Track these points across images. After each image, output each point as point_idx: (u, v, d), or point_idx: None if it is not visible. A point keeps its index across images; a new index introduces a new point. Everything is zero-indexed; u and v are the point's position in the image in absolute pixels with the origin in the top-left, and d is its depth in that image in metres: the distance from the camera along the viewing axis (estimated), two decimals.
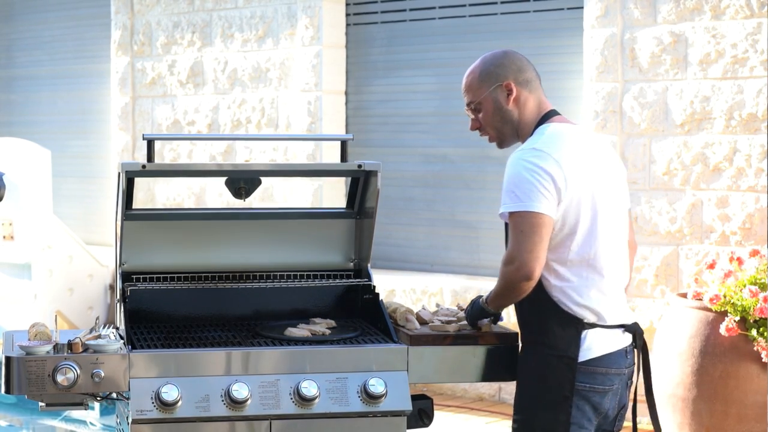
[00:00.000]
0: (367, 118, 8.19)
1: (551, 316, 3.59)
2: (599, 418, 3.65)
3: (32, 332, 3.69)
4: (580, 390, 3.58)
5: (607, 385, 3.62)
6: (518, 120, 3.69)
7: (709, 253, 6.42)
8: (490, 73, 3.70)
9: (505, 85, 3.67)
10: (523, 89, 3.69)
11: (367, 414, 3.68)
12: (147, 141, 3.90)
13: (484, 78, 3.70)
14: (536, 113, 3.70)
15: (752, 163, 6.32)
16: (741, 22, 6.32)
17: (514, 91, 3.67)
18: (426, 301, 7.42)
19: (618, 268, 3.67)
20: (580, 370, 3.57)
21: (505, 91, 3.68)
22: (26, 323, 7.82)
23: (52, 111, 10.10)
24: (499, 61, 3.72)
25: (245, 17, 8.50)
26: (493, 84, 3.68)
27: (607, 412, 3.66)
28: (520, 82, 3.68)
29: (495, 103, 3.69)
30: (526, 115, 3.69)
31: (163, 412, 3.57)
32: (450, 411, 7.01)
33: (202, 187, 8.72)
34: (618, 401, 3.69)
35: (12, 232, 8.70)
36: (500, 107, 3.69)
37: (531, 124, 3.68)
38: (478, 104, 3.71)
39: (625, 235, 3.73)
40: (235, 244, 4.26)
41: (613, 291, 3.65)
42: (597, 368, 3.60)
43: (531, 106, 3.70)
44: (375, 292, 4.16)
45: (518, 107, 3.69)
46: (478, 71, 3.72)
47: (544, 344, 3.60)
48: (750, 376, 5.57)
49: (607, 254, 3.61)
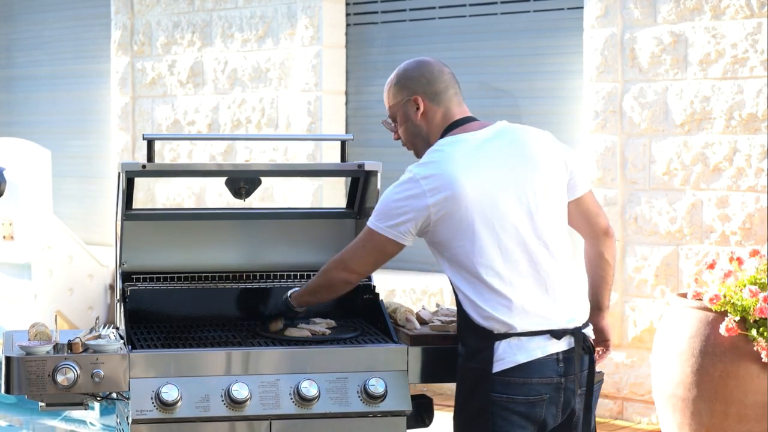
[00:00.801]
0: (367, 118, 8.19)
1: (466, 329, 3.55)
2: (536, 427, 3.53)
3: (32, 332, 3.69)
4: (498, 401, 3.48)
5: (532, 395, 3.48)
6: (427, 134, 3.64)
7: (709, 253, 6.42)
8: (402, 86, 3.66)
9: (413, 100, 3.63)
10: (431, 103, 3.62)
11: (367, 414, 3.68)
12: (147, 141, 3.90)
13: (397, 91, 3.67)
14: (441, 127, 3.63)
15: (752, 163, 6.32)
16: (741, 22, 6.32)
17: (421, 107, 3.62)
18: (426, 301, 7.42)
19: (549, 269, 3.51)
20: (496, 381, 3.47)
21: (413, 105, 3.63)
22: (26, 323, 7.81)
23: (52, 111, 10.10)
24: (410, 74, 3.67)
25: (245, 17, 8.50)
26: (404, 98, 3.65)
27: (544, 420, 3.52)
28: (428, 94, 3.63)
29: (406, 116, 3.66)
30: (434, 129, 3.64)
31: (163, 412, 3.56)
32: (450, 411, 6.99)
33: (202, 187, 8.72)
34: (560, 410, 3.53)
35: (12, 232, 8.70)
36: (410, 121, 3.65)
37: (436, 138, 3.62)
38: (394, 117, 3.69)
39: (564, 228, 3.59)
40: (235, 244, 4.26)
41: (536, 296, 3.50)
42: (514, 378, 3.48)
43: (437, 120, 3.63)
44: (375, 292, 4.16)
45: (426, 121, 3.64)
46: (393, 83, 3.69)
47: (463, 357, 3.57)
48: (750, 376, 5.57)
49: (522, 260, 3.48)
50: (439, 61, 3.73)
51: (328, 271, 3.72)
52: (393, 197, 3.54)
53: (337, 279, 3.72)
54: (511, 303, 3.47)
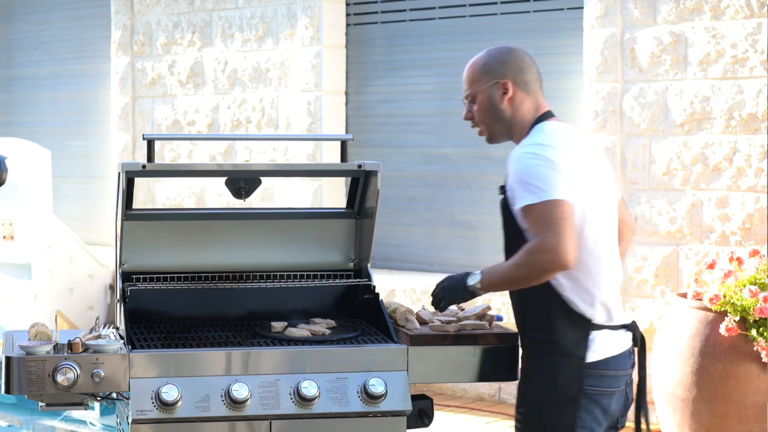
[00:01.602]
0: (367, 118, 8.19)
1: (561, 316, 3.55)
2: (608, 420, 3.62)
3: (32, 332, 3.69)
4: (588, 393, 3.54)
5: (615, 387, 3.60)
6: (510, 120, 3.66)
7: (709, 253, 6.42)
8: (491, 68, 3.67)
9: (502, 84, 3.64)
10: (520, 90, 3.66)
11: (367, 414, 3.68)
12: (147, 141, 3.90)
13: (484, 72, 3.67)
14: (532, 115, 3.66)
15: (752, 163, 6.32)
16: (741, 22, 6.32)
17: (510, 91, 3.64)
18: (426, 301, 7.42)
19: (617, 266, 3.66)
20: (587, 373, 3.54)
21: (501, 89, 3.65)
22: (26, 323, 7.82)
23: (52, 111, 10.10)
24: (502, 58, 3.68)
25: (245, 17, 8.50)
26: (491, 80, 3.66)
27: (615, 413, 3.64)
28: (518, 82, 3.66)
29: (489, 99, 3.66)
30: (520, 116, 3.66)
31: (163, 412, 3.57)
32: (450, 411, 7.01)
33: (202, 187, 8.72)
34: (624, 401, 3.67)
35: (12, 232, 8.71)
36: (493, 104, 3.66)
37: (526, 124, 3.65)
38: (474, 97, 3.69)
39: (616, 232, 3.71)
40: (235, 244, 4.26)
41: (616, 290, 3.65)
42: (605, 371, 3.57)
43: (526, 108, 3.67)
44: (375, 292, 4.16)
45: (512, 107, 3.66)
46: (480, 64, 3.69)
47: (551, 343, 3.55)
48: (750, 376, 5.57)
49: (607, 252, 3.59)
50: (528, 54, 3.75)
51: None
52: (541, 168, 3.48)
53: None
54: (611, 293, 3.59)
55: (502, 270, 3.53)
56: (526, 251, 3.44)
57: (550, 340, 3.56)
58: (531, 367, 3.63)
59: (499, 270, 3.54)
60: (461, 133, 7.73)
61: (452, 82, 7.77)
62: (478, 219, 7.59)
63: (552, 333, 3.55)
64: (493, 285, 3.57)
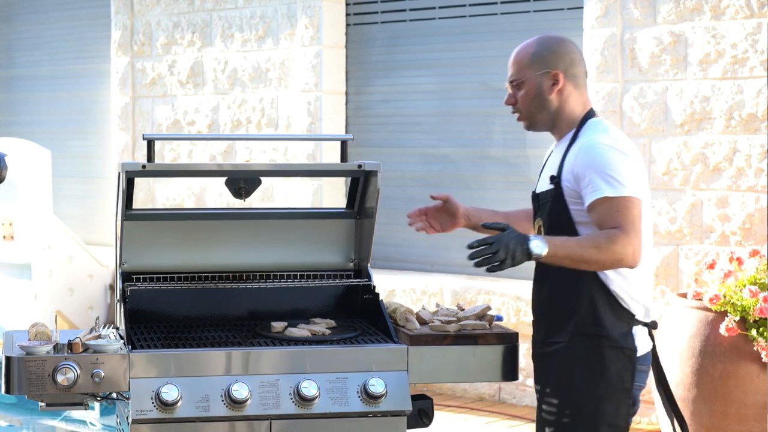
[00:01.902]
0: (367, 118, 8.19)
1: (608, 310, 3.56)
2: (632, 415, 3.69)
3: (32, 332, 3.69)
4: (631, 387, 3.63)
5: (644, 382, 3.66)
6: (556, 111, 3.67)
7: (709, 253, 6.42)
8: (542, 57, 3.66)
9: (553, 74, 3.65)
10: (570, 83, 3.66)
11: (367, 414, 3.68)
12: (147, 141, 3.90)
13: (535, 60, 3.67)
14: (581, 109, 3.68)
15: (752, 163, 6.32)
16: (741, 22, 6.32)
17: (560, 83, 3.65)
18: (426, 301, 7.42)
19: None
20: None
21: (551, 79, 3.65)
22: (26, 323, 7.82)
23: (52, 111, 10.10)
24: (555, 48, 3.68)
25: (245, 17, 8.50)
26: (541, 69, 3.65)
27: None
28: (568, 75, 3.66)
29: (537, 88, 3.66)
30: (568, 109, 3.67)
31: (163, 412, 3.57)
32: (450, 411, 7.01)
33: (202, 187, 8.72)
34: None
35: (12, 232, 8.70)
36: (541, 94, 3.66)
37: (575, 118, 3.67)
38: (521, 83, 3.68)
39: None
40: (235, 244, 4.26)
41: (650, 288, 3.70)
42: (643, 366, 3.63)
43: (574, 101, 3.67)
44: (375, 292, 4.16)
45: (560, 99, 3.66)
46: (531, 51, 3.68)
47: (601, 337, 3.56)
48: (750, 376, 5.57)
49: (648, 252, 3.62)
50: (577, 46, 3.77)
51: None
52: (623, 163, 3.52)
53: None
54: (646, 289, 3.63)
55: (573, 246, 3.47)
56: (608, 238, 3.43)
57: (600, 334, 3.56)
58: (578, 359, 3.59)
59: (569, 245, 3.47)
60: (461, 133, 7.73)
61: (452, 82, 7.78)
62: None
63: (601, 326, 3.56)
64: (556, 258, 3.48)
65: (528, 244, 3.42)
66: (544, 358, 3.68)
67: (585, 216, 3.54)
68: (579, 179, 3.53)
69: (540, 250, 3.42)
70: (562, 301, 3.62)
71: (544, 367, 3.69)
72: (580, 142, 3.59)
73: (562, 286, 3.60)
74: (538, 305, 3.72)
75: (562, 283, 3.60)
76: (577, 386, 3.58)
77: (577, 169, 3.54)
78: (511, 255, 3.42)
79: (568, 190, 3.57)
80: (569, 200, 3.57)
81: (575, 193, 3.56)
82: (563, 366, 3.61)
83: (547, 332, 3.68)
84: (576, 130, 3.65)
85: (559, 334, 3.62)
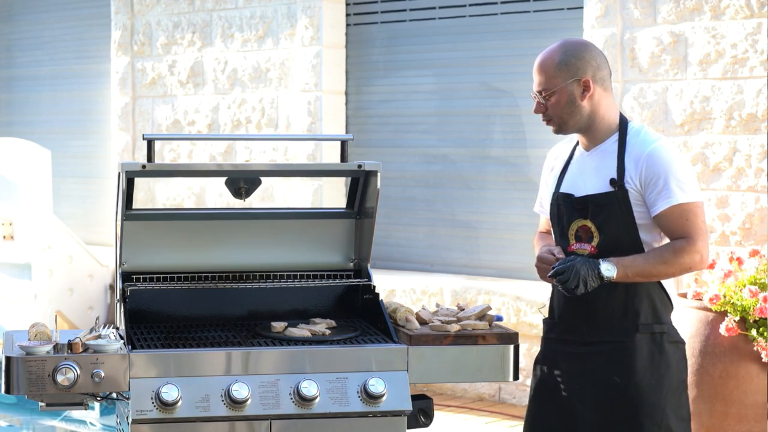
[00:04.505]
0: (367, 118, 8.19)
1: (662, 305, 3.72)
2: None
3: (32, 332, 3.69)
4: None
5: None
6: (589, 116, 3.71)
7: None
8: (570, 65, 3.69)
9: (583, 81, 3.68)
10: (599, 87, 3.70)
11: (367, 414, 3.68)
12: (147, 141, 3.90)
13: (563, 68, 3.69)
14: (615, 112, 3.75)
15: (752, 163, 6.32)
16: (741, 22, 6.32)
17: (591, 89, 3.69)
18: (426, 301, 7.42)
19: None
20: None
21: (581, 86, 3.69)
22: (26, 323, 7.82)
23: (52, 111, 10.10)
24: (581, 54, 3.70)
25: (245, 17, 8.50)
26: (571, 77, 3.69)
27: None
28: (597, 79, 3.70)
29: (569, 96, 3.69)
30: (601, 113, 3.72)
31: (163, 412, 3.57)
32: (450, 411, 7.01)
33: (202, 187, 8.72)
34: None
35: (12, 232, 8.71)
36: (573, 101, 3.69)
37: (610, 122, 3.73)
38: (551, 93, 3.70)
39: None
40: (235, 244, 4.26)
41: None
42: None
43: (605, 105, 3.73)
44: (375, 292, 4.16)
45: (591, 104, 3.70)
46: (557, 59, 3.70)
47: (661, 332, 3.71)
48: (750, 376, 5.57)
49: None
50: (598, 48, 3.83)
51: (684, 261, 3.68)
52: (689, 169, 3.70)
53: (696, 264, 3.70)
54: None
55: (641, 265, 3.63)
56: (675, 252, 3.61)
57: (662, 330, 3.71)
58: (643, 358, 3.69)
59: (638, 265, 3.63)
60: (461, 133, 7.73)
61: (452, 82, 7.78)
62: (478, 219, 7.58)
63: (662, 323, 3.72)
64: (626, 278, 3.64)
65: (599, 268, 3.59)
66: (591, 356, 3.75)
67: (647, 218, 3.67)
68: (647, 184, 3.64)
69: (610, 273, 3.60)
70: (619, 300, 3.71)
71: (590, 366, 3.75)
72: (640, 148, 3.67)
73: (631, 290, 3.70)
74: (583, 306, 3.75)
75: (620, 285, 3.68)
76: (644, 383, 3.68)
77: (647, 174, 3.64)
78: (584, 281, 3.59)
79: (633, 193, 3.66)
80: (633, 202, 3.67)
81: (639, 196, 3.66)
82: (623, 364, 3.69)
83: (594, 332, 3.74)
84: (620, 134, 3.72)
85: (613, 333, 3.71)
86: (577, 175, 3.79)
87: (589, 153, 3.77)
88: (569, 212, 3.77)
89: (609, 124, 3.73)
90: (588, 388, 3.73)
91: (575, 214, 3.75)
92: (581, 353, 3.74)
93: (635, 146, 3.68)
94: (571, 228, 3.75)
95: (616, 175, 3.67)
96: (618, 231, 3.67)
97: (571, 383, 3.77)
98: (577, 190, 3.76)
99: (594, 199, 3.71)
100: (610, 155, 3.71)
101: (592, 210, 3.71)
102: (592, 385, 3.72)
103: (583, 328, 3.75)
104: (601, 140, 3.74)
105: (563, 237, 3.79)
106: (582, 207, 3.74)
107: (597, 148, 3.75)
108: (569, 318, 3.79)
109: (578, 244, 3.75)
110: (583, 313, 3.75)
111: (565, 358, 3.78)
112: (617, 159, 3.68)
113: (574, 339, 3.77)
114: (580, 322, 3.76)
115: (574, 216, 3.75)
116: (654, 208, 3.64)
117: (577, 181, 3.78)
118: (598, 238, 3.70)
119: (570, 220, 3.77)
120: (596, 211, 3.70)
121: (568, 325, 3.79)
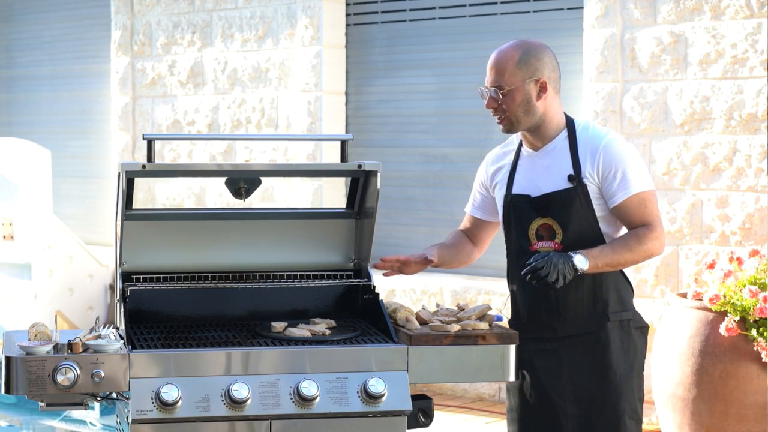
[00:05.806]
0: (367, 118, 8.19)
1: (626, 292, 3.82)
2: None
3: (32, 332, 3.69)
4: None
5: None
6: (542, 116, 3.76)
7: (709, 253, 6.42)
8: (530, 64, 3.73)
9: (540, 82, 3.73)
10: (552, 89, 3.76)
11: (367, 414, 3.68)
12: (147, 141, 3.90)
13: (522, 67, 3.73)
14: (561, 113, 3.82)
15: (752, 163, 6.32)
16: (741, 22, 6.32)
17: (547, 91, 3.74)
18: (426, 301, 7.43)
19: None
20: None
21: (538, 87, 3.73)
22: (26, 323, 7.82)
23: (52, 111, 10.10)
24: (540, 56, 3.75)
25: (245, 17, 8.50)
26: (529, 76, 3.73)
27: None
28: (552, 81, 3.76)
29: (525, 95, 3.74)
30: (552, 113, 3.78)
31: (163, 412, 3.57)
32: (450, 411, 7.01)
33: (202, 187, 8.72)
34: None
35: (12, 232, 8.71)
36: (529, 100, 3.74)
37: (559, 121, 3.80)
38: (508, 90, 3.73)
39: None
40: (235, 244, 4.25)
41: None
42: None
43: (555, 106, 3.79)
44: (375, 292, 4.16)
45: (545, 105, 3.76)
46: (518, 57, 3.74)
47: (629, 319, 3.81)
48: (750, 376, 5.57)
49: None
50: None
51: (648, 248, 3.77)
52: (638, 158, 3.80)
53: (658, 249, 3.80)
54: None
55: (610, 255, 3.70)
56: (641, 238, 3.69)
57: (629, 317, 3.81)
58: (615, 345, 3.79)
59: (606, 254, 3.70)
60: (461, 133, 7.73)
61: (452, 82, 7.78)
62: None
63: (627, 309, 3.82)
64: (597, 268, 3.71)
65: (572, 261, 3.65)
66: (565, 350, 3.82)
67: (605, 210, 3.75)
68: (604, 177, 3.71)
69: (583, 265, 3.66)
70: (587, 291, 3.78)
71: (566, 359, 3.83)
72: (594, 142, 3.74)
73: (601, 276, 3.77)
74: (553, 302, 3.82)
75: (586, 277, 3.74)
76: (618, 369, 3.77)
77: (604, 167, 3.71)
78: (562, 274, 3.64)
79: (592, 187, 3.73)
80: (593, 196, 3.73)
81: (597, 189, 3.73)
82: (598, 354, 3.78)
83: (566, 326, 3.82)
84: (569, 131, 3.78)
85: (585, 325, 3.80)
86: (528, 175, 3.85)
87: (539, 152, 3.83)
88: (527, 212, 3.82)
89: (557, 123, 3.80)
90: (567, 383, 3.81)
91: (533, 214, 3.82)
92: (555, 348, 3.84)
93: (588, 141, 3.75)
94: (531, 228, 3.82)
95: (572, 171, 3.73)
96: (581, 225, 3.74)
97: (550, 380, 3.85)
98: (533, 190, 3.82)
99: (554, 196, 3.76)
100: (562, 152, 3.78)
101: (553, 208, 3.77)
102: (570, 379, 3.80)
103: (555, 324, 3.83)
104: (550, 138, 3.81)
105: (523, 237, 3.84)
106: (541, 206, 3.80)
107: (546, 146, 3.82)
108: (539, 316, 3.86)
109: (540, 243, 3.81)
110: (554, 309, 3.82)
111: (540, 356, 3.84)
112: (571, 155, 3.75)
113: (547, 336, 3.85)
114: (550, 319, 3.83)
115: (533, 216, 3.82)
116: (613, 199, 3.72)
117: (530, 182, 3.84)
118: (562, 235, 3.77)
119: (529, 220, 3.83)
120: (558, 208, 3.76)
121: (539, 323, 3.87)
